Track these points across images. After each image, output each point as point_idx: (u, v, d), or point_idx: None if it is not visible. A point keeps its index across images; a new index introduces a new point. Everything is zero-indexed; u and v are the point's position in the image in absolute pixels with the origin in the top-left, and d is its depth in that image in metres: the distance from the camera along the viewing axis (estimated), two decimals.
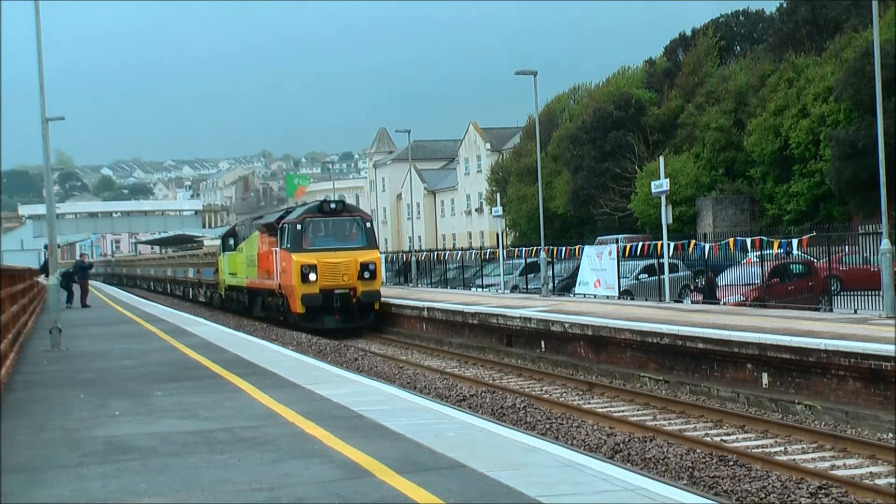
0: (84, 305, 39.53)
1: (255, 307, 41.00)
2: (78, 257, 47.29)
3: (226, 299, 47.77)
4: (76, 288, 40.99)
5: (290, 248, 34.03)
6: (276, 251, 35.49)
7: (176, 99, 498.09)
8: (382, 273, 40.51)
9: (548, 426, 15.66)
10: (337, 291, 33.69)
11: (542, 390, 20.63)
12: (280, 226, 35.27)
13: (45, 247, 49.73)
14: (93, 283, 58.05)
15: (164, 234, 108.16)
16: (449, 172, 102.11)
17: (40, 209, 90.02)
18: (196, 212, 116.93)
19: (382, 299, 35.29)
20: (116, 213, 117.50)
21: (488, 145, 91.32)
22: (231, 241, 46.04)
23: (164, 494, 8.02)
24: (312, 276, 33.44)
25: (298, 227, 34.29)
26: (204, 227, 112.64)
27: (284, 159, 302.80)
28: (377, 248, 35.95)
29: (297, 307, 33.73)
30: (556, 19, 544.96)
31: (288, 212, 37.84)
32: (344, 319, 34.15)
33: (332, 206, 35.17)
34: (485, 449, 9.47)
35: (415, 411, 11.96)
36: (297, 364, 17.73)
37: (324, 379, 15.16)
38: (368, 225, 35.46)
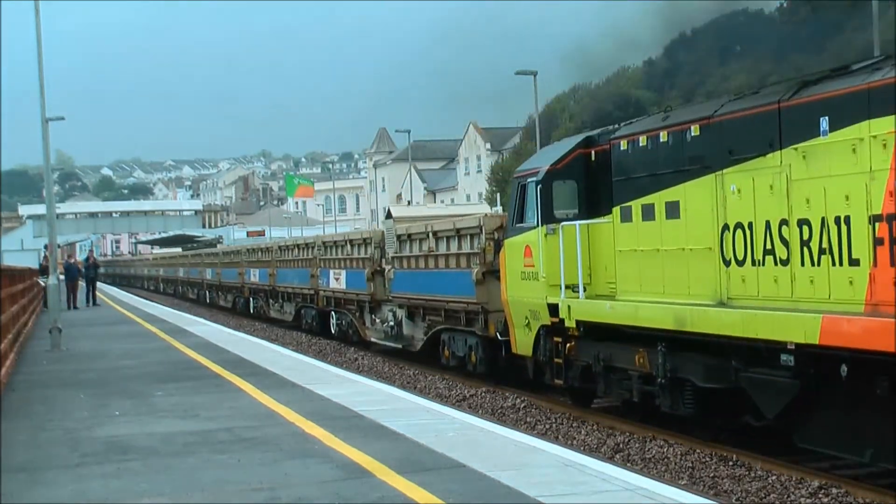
0: (72, 308, 39.02)
1: None
2: (66, 258, 46.02)
3: (566, 376, 15.36)
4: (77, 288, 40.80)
5: None
6: None
7: (176, 99, 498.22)
8: None
9: (548, 426, 15.65)
10: None
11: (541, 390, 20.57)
12: None
13: (45, 247, 49.49)
14: (102, 287, 57.59)
15: (164, 234, 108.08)
16: (449, 172, 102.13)
17: (40, 209, 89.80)
18: (196, 212, 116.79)
19: None
20: (116, 213, 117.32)
21: (488, 145, 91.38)
22: (600, 188, 14.78)
23: (164, 494, 8.03)
24: None
25: None
26: (204, 226, 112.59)
27: (284, 159, 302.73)
28: None
29: None
30: (557, 19, 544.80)
31: None
32: None
33: None
34: (485, 449, 9.47)
35: (415, 411, 11.97)
36: (298, 364, 17.74)
37: (324, 379, 15.17)
38: None
